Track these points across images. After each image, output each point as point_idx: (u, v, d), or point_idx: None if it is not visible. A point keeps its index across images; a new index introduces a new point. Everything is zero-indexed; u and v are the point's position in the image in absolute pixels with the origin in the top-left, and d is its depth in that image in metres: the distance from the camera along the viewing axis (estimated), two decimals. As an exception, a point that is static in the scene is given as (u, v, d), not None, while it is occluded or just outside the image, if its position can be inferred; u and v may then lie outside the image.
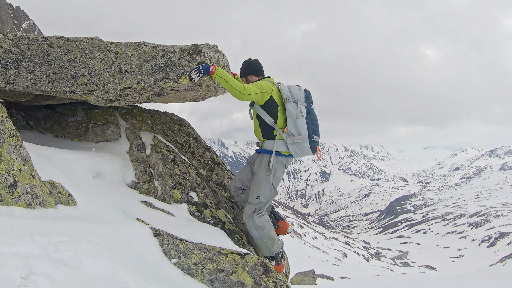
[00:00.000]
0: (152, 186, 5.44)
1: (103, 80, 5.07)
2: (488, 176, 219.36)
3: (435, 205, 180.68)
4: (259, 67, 5.61)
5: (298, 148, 5.28)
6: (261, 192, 5.32)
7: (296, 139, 5.24)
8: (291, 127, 5.25)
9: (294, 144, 5.25)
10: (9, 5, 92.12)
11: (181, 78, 5.04)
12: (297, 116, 5.22)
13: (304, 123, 5.29)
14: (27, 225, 3.28)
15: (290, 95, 5.32)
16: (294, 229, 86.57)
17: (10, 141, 3.83)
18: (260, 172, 5.33)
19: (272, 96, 5.25)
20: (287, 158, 5.38)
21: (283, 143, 5.30)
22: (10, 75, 5.00)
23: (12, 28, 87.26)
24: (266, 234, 5.38)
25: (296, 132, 5.24)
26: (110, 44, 5.15)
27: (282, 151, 5.29)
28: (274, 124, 5.27)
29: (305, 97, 5.44)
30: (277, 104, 5.28)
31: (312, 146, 5.31)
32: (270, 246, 5.46)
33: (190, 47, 5.16)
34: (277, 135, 5.28)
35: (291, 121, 5.25)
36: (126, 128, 6.20)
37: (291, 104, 5.27)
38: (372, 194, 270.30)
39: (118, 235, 3.86)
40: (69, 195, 4.27)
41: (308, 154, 5.39)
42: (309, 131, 5.29)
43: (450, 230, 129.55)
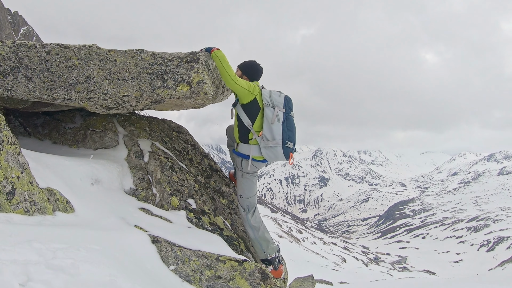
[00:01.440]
0: (150, 193, 5.45)
1: (101, 88, 5.09)
2: (486, 180, 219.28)
3: (434, 210, 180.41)
4: (258, 75, 5.74)
5: (271, 152, 5.38)
6: (241, 190, 5.61)
7: (270, 143, 5.34)
8: (266, 131, 5.35)
9: (267, 148, 5.36)
10: (8, 10, 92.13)
11: (179, 85, 5.07)
12: (273, 120, 5.32)
13: (280, 128, 5.36)
14: (25, 232, 3.28)
15: (270, 100, 5.44)
16: (293, 234, 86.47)
17: (8, 148, 3.84)
18: (238, 173, 5.62)
19: (256, 99, 5.37)
20: (259, 163, 5.56)
21: (257, 148, 5.45)
22: (8, 82, 5.02)
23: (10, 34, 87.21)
24: (260, 236, 5.56)
25: (271, 137, 5.34)
26: (108, 51, 5.17)
27: (255, 156, 5.45)
28: (251, 126, 5.41)
29: (284, 103, 5.52)
30: (259, 107, 5.41)
31: (286, 151, 5.38)
32: (264, 248, 5.58)
33: (188, 55, 5.19)
34: (252, 139, 5.42)
35: (267, 126, 5.35)
36: (124, 135, 6.21)
37: (269, 109, 5.38)
38: (370, 199, 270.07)
39: (117, 242, 3.86)
40: (67, 202, 4.28)
41: (281, 159, 5.44)
42: (283, 137, 5.36)
43: (449, 234, 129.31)
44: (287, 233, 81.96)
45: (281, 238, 67.89)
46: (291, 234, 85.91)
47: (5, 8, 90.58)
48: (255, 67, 5.71)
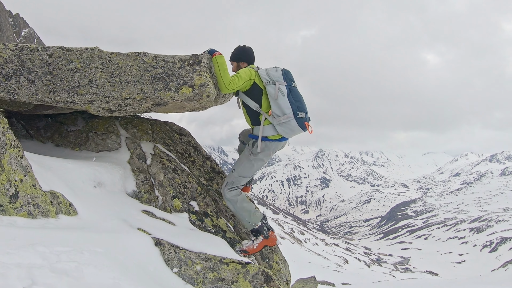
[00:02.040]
0: (153, 195, 5.45)
1: (104, 91, 5.09)
2: (488, 181, 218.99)
3: (436, 210, 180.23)
4: (253, 56, 5.74)
5: (286, 127, 5.36)
6: (238, 167, 5.52)
7: (282, 119, 5.32)
8: (274, 108, 5.34)
9: (281, 125, 5.34)
10: (9, 13, 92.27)
11: (181, 88, 5.07)
12: (276, 96, 5.31)
13: (286, 101, 5.35)
14: (29, 236, 3.29)
15: (268, 77, 5.42)
16: (295, 235, 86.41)
17: (12, 151, 3.85)
18: (246, 151, 5.54)
19: (256, 82, 5.38)
20: (276, 143, 5.49)
21: (270, 127, 5.41)
22: (11, 85, 5.02)
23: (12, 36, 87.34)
24: (239, 207, 5.46)
25: (280, 112, 5.32)
26: (111, 54, 5.17)
27: (271, 135, 5.41)
28: (259, 108, 5.41)
29: (283, 76, 5.50)
30: (261, 89, 5.43)
31: (300, 123, 5.36)
32: (248, 219, 5.48)
33: (190, 58, 5.19)
34: (263, 120, 5.38)
35: (273, 102, 5.34)
36: (127, 137, 6.22)
37: (270, 86, 5.37)
38: (372, 200, 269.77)
39: (120, 244, 3.86)
40: (70, 205, 4.29)
41: (298, 132, 5.44)
42: (293, 109, 5.34)
43: (452, 235, 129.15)
44: (289, 234, 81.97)
45: (283, 239, 67.86)
46: (293, 235, 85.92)
47: (6, 10, 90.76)
48: (246, 51, 5.73)
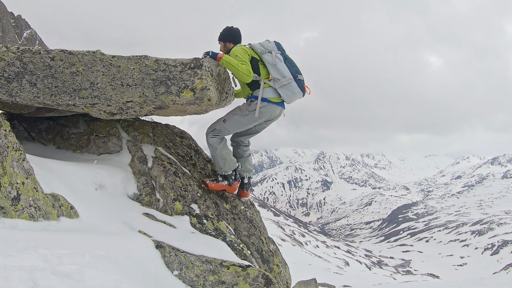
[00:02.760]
0: (154, 198, 5.47)
1: (105, 94, 5.12)
2: (490, 184, 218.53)
3: (438, 213, 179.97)
4: (240, 36, 6.08)
5: (288, 90, 5.79)
6: (229, 119, 5.94)
7: (283, 81, 5.74)
8: (274, 72, 5.77)
9: (283, 87, 5.77)
10: (11, 14, 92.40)
11: (182, 92, 5.10)
12: (274, 61, 5.76)
13: (285, 66, 5.80)
14: (31, 238, 3.31)
15: (263, 48, 5.89)
16: (296, 237, 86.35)
17: (13, 154, 3.87)
18: (242, 106, 5.89)
19: (252, 56, 5.82)
20: (274, 106, 5.86)
21: (271, 90, 5.83)
22: (13, 88, 5.05)
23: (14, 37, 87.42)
24: (218, 154, 5.98)
25: (281, 75, 5.75)
26: (112, 57, 5.20)
27: (272, 97, 5.80)
28: (258, 77, 5.81)
29: (278, 46, 5.96)
30: (257, 60, 5.87)
31: (300, 85, 5.85)
32: (222, 165, 6.04)
33: (192, 61, 5.23)
34: (262, 84, 5.75)
35: (272, 68, 5.78)
36: (128, 140, 6.23)
37: (266, 55, 5.82)
38: (373, 203, 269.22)
39: (121, 247, 3.88)
40: (72, 208, 4.30)
41: (298, 95, 5.92)
42: (291, 72, 5.81)
43: (453, 238, 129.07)
44: (289, 237, 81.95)
45: (284, 242, 67.85)
46: (294, 237, 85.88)
47: (8, 12, 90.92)
48: (234, 32, 6.10)
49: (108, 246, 3.74)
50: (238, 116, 5.89)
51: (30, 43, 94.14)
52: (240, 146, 6.48)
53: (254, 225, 6.37)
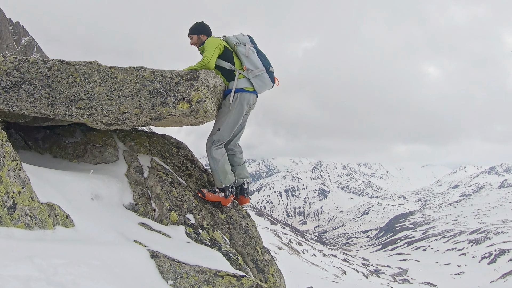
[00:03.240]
0: (150, 208, 5.49)
1: (102, 104, 5.16)
2: (487, 193, 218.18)
3: (435, 222, 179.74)
4: (210, 29, 6.39)
5: (260, 80, 6.11)
6: (221, 124, 6.01)
7: (256, 72, 6.07)
8: (248, 63, 6.09)
9: (256, 78, 6.08)
10: (9, 21, 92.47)
11: (178, 103, 5.15)
12: (247, 53, 6.12)
13: (257, 58, 6.17)
14: (26, 248, 3.34)
15: (238, 40, 6.25)
16: (293, 246, 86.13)
17: (10, 164, 3.90)
18: (223, 107, 5.98)
19: (226, 46, 6.12)
20: (249, 94, 6.08)
21: (245, 80, 6.11)
22: (10, 97, 5.08)
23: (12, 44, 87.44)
24: (220, 167, 6.12)
25: (254, 66, 6.09)
26: (109, 68, 5.25)
27: (246, 87, 6.10)
28: (233, 67, 6.10)
29: (251, 40, 6.34)
30: (231, 50, 6.20)
31: (271, 76, 6.20)
32: (222, 179, 6.16)
33: (188, 73, 5.29)
34: (237, 75, 6.07)
35: (246, 59, 6.11)
36: (124, 150, 6.27)
37: (241, 46, 6.17)
38: (371, 212, 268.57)
39: (116, 257, 3.90)
40: (67, 217, 4.32)
41: (269, 85, 6.27)
42: (264, 64, 6.16)
43: (450, 247, 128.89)
44: (286, 245, 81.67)
45: (281, 250, 67.64)
46: (291, 246, 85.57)
47: (7, 19, 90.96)
48: (205, 25, 6.36)
49: (103, 256, 3.77)
50: (226, 116, 6.00)
51: (28, 50, 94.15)
52: (236, 154, 6.58)
53: (249, 235, 6.38)
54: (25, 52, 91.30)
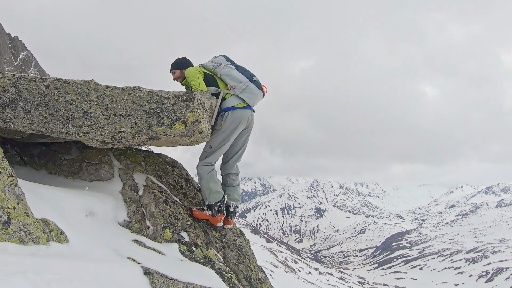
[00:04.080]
0: (144, 225, 5.52)
1: (98, 123, 5.22)
2: (484, 213, 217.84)
3: (432, 241, 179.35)
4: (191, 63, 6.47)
5: (248, 92, 6.14)
6: (213, 142, 6.06)
7: (241, 86, 6.10)
8: (230, 81, 6.13)
9: (243, 92, 6.11)
10: (8, 35, 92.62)
11: (174, 124, 5.23)
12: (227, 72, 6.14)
13: (238, 73, 6.20)
14: (20, 262, 3.36)
15: (214, 63, 6.28)
16: (288, 264, 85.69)
17: (6, 180, 3.94)
18: (216, 126, 6.01)
19: (205, 72, 6.18)
20: (242, 111, 6.09)
21: (234, 98, 6.13)
22: (7, 114, 5.14)
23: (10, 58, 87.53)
24: (203, 184, 6.17)
25: (237, 81, 6.12)
26: (106, 88, 5.33)
27: (237, 104, 6.12)
28: (218, 89, 6.14)
29: (226, 59, 6.37)
30: (211, 74, 6.21)
31: (257, 85, 6.23)
32: (207, 196, 6.20)
33: (184, 94, 5.38)
34: (221, 95, 6.11)
35: (227, 78, 6.14)
36: (120, 168, 6.32)
37: (219, 68, 6.19)
38: (367, 231, 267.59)
39: (109, 273, 3.93)
40: (62, 233, 4.35)
41: (259, 95, 6.29)
42: (246, 76, 6.19)
43: (447, 265, 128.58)
44: (282, 263, 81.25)
45: (276, 268, 67.30)
46: (287, 264, 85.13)
47: (5, 33, 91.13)
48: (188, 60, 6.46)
49: (96, 272, 3.79)
50: (218, 134, 6.05)
51: (25, 65, 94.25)
52: (230, 175, 6.59)
53: (243, 253, 6.42)
54: (22, 66, 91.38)
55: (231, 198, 6.58)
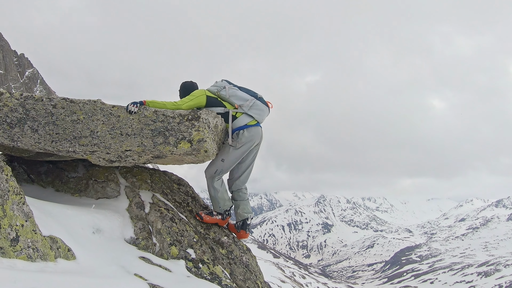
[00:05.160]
0: (151, 242, 5.55)
1: (105, 142, 5.30)
2: (495, 226, 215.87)
3: (442, 255, 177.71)
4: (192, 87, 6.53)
5: (256, 109, 6.36)
6: (225, 155, 6.23)
7: (248, 103, 6.30)
8: (237, 100, 6.32)
9: (251, 109, 6.32)
10: (14, 52, 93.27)
11: (180, 143, 5.29)
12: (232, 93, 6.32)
13: (242, 92, 6.40)
14: (29, 279, 3.40)
15: (217, 87, 6.43)
16: (296, 279, 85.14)
17: (14, 198, 3.99)
18: (231, 143, 6.22)
19: (208, 96, 6.26)
20: (254, 128, 6.35)
21: (244, 116, 6.31)
22: (15, 133, 5.22)
23: (16, 76, 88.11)
24: (220, 196, 6.49)
25: (243, 100, 6.32)
26: (112, 107, 5.41)
27: (249, 122, 6.31)
28: (226, 109, 6.29)
29: (228, 82, 6.54)
30: (215, 97, 6.33)
31: (263, 102, 6.46)
32: (221, 205, 6.54)
33: (189, 113, 5.46)
34: (231, 115, 6.24)
35: (233, 98, 6.33)
36: (126, 186, 6.38)
37: (223, 90, 6.35)
38: (376, 245, 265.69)
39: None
40: (69, 250, 4.40)
41: (266, 111, 6.53)
42: (250, 94, 6.41)
43: (459, 279, 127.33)
44: (290, 278, 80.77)
45: (284, 283, 66.86)
46: (294, 279, 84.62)
47: (12, 50, 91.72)
48: (186, 87, 6.54)
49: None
50: (234, 151, 6.22)
51: (31, 82, 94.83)
52: (241, 190, 6.78)
53: (250, 269, 6.43)
54: (28, 84, 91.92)
55: (247, 211, 6.84)
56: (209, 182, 6.43)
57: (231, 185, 6.73)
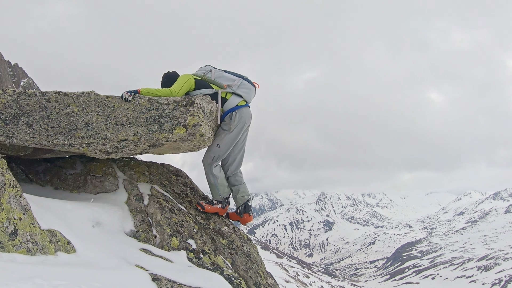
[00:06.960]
0: (151, 234, 5.53)
1: (100, 133, 5.27)
2: (494, 219, 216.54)
3: (442, 250, 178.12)
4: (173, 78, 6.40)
5: (245, 88, 6.42)
6: (220, 141, 6.25)
7: (236, 82, 6.36)
8: (225, 80, 6.37)
9: (240, 88, 6.38)
10: (8, 63, 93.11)
11: (175, 129, 5.26)
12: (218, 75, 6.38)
13: (229, 74, 6.47)
14: (28, 270, 3.37)
15: (203, 71, 6.48)
16: (300, 279, 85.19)
17: (11, 191, 3.96)
18: (224, 126, 6.30)
19: (196, 79, 6.30)
20: (245, 109, 6.42)
21: (234, 97, 6.37)
22: (10, 129, 5.19)
23: (11, 86, 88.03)
24: (219, 183, 6.50)
25: (231, 80, 6.38)
26: (106, 97, 5.38)
27: (239, 102, 6.36)
28: (214, 90, 6.30)
29: (212, 67, 6.56)
30: (203, 80, 6.36)
31: (249, 81, 6.51)
32: (221, 192, 6.56)
33: (184, 99, 5.43)
34: (220, 94, 6.29)
35: (220, 79, 6.37)
36: (124, 179, 6.35)
37: (209, 73, 6.40)
38: (377, 242, 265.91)
39: (117, 280, 3.93)
40: (69, 243, 4.36)
41: (253, 90, 6.57)
42: (237, 75, 6.46)
43: (459, 274, 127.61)
44: (293, 278, 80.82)
45: (288, 283, 66.87)
46: (298, 278, 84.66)
47: (5, 61, 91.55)
48: (169, 77, 6.46)
49: (105, 279, 3.79)
50: (227, 134, 6.25)
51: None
52: (237, 174, 6.79)
53: (251, 259, 6.40)
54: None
55: (246, 193, 6.85)
56: (208, 170, 6.41)
57: (225, 171, 6.72)
